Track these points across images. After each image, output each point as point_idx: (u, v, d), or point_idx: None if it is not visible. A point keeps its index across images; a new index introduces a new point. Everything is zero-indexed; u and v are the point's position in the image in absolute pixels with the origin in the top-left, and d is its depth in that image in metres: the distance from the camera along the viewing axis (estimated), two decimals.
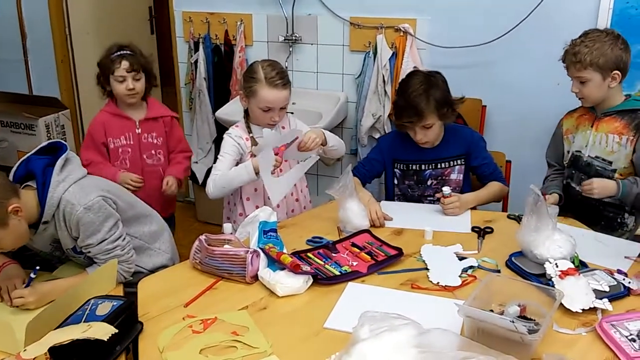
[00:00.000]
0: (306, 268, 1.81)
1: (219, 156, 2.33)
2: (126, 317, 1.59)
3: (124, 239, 1.96)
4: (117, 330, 1.47)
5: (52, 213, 1.84)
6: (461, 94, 3.17)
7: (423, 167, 2.48)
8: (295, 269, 1.77)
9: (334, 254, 1.99)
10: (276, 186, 2.25)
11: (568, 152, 2.34)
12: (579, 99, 2.25)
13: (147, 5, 5.15)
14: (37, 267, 1.87)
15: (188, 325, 1.62)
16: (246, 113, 2.39)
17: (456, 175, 2.48)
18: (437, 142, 2.46)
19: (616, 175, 2.20)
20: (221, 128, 3.49)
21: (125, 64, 2.52)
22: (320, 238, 2.09)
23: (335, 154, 2.47)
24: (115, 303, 1.61)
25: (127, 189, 2.34)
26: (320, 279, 1.82)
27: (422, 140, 2.38)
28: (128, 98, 2.57)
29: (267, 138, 2.21)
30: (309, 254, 1.98)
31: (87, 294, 1.67)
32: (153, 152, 2.65)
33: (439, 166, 2.47)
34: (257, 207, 2.34)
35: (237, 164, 2.31)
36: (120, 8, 4.90)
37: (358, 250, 2.00)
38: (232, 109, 3.27)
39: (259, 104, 2.26)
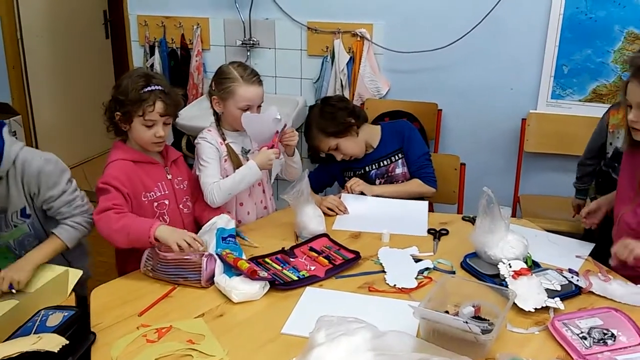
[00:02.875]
0: (263, 274, 1.80)
1: (202, 164, 2.23)
2: (78, 328, 1.55)
3: (80, 190, 1.99)
4: (68, 342, 1.44)
5: (7, 169, 1.85)
6: (417, 99, 3.24)
7: (367, 169, 2.58)
8: (252, 275, 1.76)
9: (291, 259, 1.98)
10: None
11: (611, 144, 2.44)
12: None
13: (102, 8, 5.06)
14: None
15: (142, 334, 1.59)
16: (217, 119, 2.34)
17: (401, 169, 2.57)
18: (368, 147, 2.58)
19: None
20: (178, 133, 3.45)
21: (160, 106, 1.99)
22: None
23: (292, 173, 2.41)
24: (66, 314, 1.57)
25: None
26: (278, 285, 1.81)
27: (344, 158, 2.53)
28: (154, 146, 2.07)
29: (269, 115, 2.21)
30: (267, 259, 1.97)
31: (37, 305, 1.63)
32: (185, 199, 2.19)
33: (381, 164, 2.56)
34: (248, 213, 2.37)
35: None
36: (75, 11, 4.81)
37: (316, 255, 1.99)
38: (190, 114, 3.22)
39: (238, 104, 2.22)
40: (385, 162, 2.57)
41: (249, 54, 3.53)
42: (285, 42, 3.48)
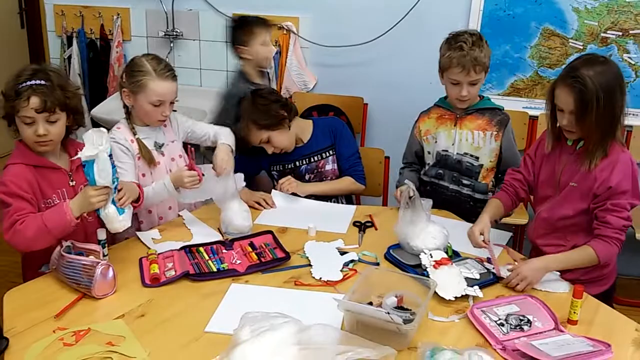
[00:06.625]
0: (170, 273, 1.82)
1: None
2: None
3: None
4: None
5: None
6: (343, 92, 3.26)
7: (298, 163, 2.56)
8: (152, 282, 1.78)
9: (225, 251, 1.97)
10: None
11: (429, 152, 2.42)
12: (461, 101, 2.28)
13: None
14: None
15: (59, 338, 1.52)
16: (128, 114, 2.26)
17: (331, 165, 2.57)
18: (298, 141, 2.56)
19: (482, 171, 2.32)
20: (98, 127, 3.33)
21: (34, 101, 1.81)
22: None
23: None
24: None
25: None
26: (192, 275, 1.81)
27: (275, 151, 2.48)
28: (37, 146, 1.89)
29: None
30: (200, 249, 1.97)
31: None
32: None
33: (312, 160, 2.55)
34: (169, 208, 2.30)
35: None
36: None
37: (250, 250, 1.98)
38: (110, 107, 3.12)
39: (149, 99, 2.15)
40: (315, 158, 2.56)
41: (172, 45, 3.46)
42: (210, 34, 3.43)
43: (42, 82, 1.84)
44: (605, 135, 1.83)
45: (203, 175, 2.16)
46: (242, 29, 2.75)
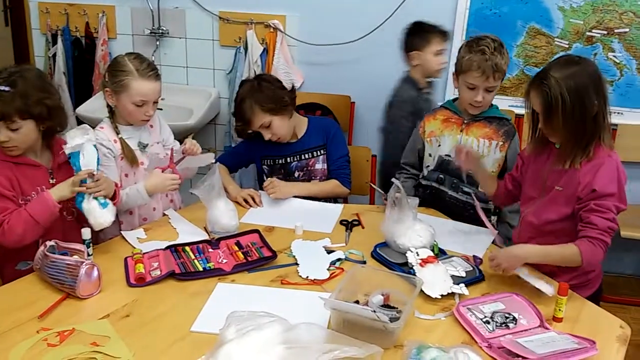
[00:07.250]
0: (155, 273, 1.80)
1: None
2: None
3: None
4: None
5: None
6: (330, 91, 3.26)
7: (288, 159, 2.54)
8: (138, 282, 1.77)
9: (211, 250, 1.96)
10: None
11: (430, 155, 2.41)
12: (474, 107, 2.27)
13: None
14: None
15: (43, 338, 1.51)
16: (111, 113, 2.24)
17: (321, 165, 2.56)
18: (293, 136, 2.54)
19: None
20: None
21: None
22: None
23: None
24: None
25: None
26: (178, 275, 1.80)
27: (272, 138, 2.45)
28: (5, 150, 1.90)
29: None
30: (186, 248, 1.96)
31: None
32: (71, 204, 1.98)
33: (303, 157, 2.54)
34: (154, 209, 2.30)
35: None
36: None
37: (237, 249, 1.97)
38: (95, 105, 3.10)
39: (132, 99, 2.14)
40: (306, 156, 2.54)
41: (158, 43, 3.44)
42: (196, 32, 3.41)
43: (5, 88, 1.81)
44: (580, 136, 1.78)
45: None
46: (417, 34, 2.70)
